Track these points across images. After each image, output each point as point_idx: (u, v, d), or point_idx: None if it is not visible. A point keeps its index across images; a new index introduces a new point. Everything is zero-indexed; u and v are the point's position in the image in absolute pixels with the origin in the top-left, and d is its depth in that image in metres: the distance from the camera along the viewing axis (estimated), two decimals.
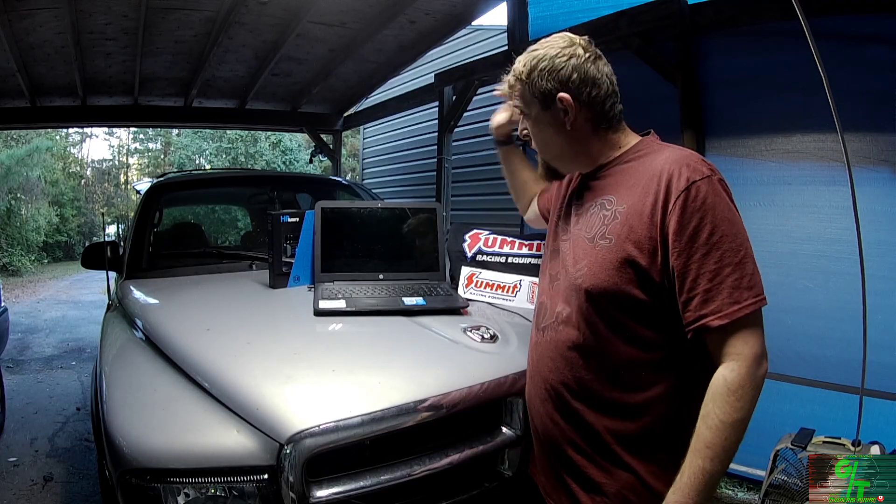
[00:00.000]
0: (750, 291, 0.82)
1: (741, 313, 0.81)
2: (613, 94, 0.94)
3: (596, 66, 0.91)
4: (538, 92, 0.92)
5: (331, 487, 1.03)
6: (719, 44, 2.34)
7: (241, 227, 8.76)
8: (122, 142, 16.36)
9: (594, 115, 0.93)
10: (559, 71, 0.90)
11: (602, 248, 0.90)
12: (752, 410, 0.82)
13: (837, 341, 1.94)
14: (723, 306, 0.81)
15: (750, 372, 0.81)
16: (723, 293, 0.81)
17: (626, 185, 0.91)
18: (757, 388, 0.82)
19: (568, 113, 0.91)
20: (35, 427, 3.08)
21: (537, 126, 0.97)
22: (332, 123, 5.82)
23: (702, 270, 0.82)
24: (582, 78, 0.90)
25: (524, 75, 0.94)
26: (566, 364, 0.96)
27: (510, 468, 1.24)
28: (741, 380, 0.80)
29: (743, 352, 0.81)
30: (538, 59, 0.92)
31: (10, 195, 11.55)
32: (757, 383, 0.82)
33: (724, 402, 0.81)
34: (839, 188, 1.86)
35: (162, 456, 1.00)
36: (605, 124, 0.94)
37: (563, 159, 0.99)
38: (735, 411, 0.80)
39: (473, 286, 1.71)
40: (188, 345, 1.28)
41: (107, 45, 3.60)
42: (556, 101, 0.91)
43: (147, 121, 5.75)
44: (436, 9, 3.41)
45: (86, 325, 6.07)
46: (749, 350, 0.81)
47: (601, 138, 0.95)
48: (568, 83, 0.90)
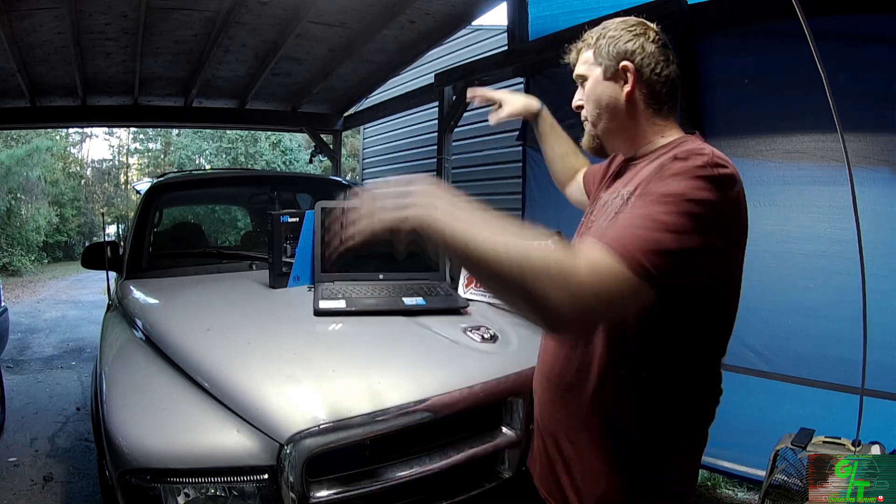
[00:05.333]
0: (648, 255, 0.67)
1: (620, 253, 0.67)
2: (672, 83, 0.93)
3: (662, 50, 0.92)
4: (602, 57, 0.93)
5: (331, 487, 1.03)
6: (719, 44, 2.33)
7: (241, 227, 8.75)
8: (122, 142, 16.35)
9: (650, 93, 0.93)
10: (627, 42, 0.91)
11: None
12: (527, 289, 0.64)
13: (837, 341, 1.94)
14: (619, 239, 0.68)
15: (579, 276, 0.64)
16: (626, 232, 0.69)
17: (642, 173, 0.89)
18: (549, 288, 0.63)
19: (627, 83, 0.92)
20: (35, 427, 3.07)
21: (594, 93, 0.96)
22: (332, 123, 5.81)
23: (633, 211, 0.74)
24: (646, 55, 0.91)
25: (593, 39, 0.96)
26: (557, 354, 0.97)
27: (510, 468, 1.24)
28: (562, 264, 0.65)
29: (590, 255, 0.67)
30: (608, 28, 0.94)
31: (10, 195, 11.54)
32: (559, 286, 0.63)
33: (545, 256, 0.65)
34: (839, 188, 1.86)
35: (162, 456, 1.00)
36: (656, 106, 0.94)
37: (610, 132, 0.98)
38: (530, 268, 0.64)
39: (473, 286, 1.71)
40: (188, 345, 1.28)
41: (107, 45, 3.60)
42: (618, 70, 0.92)
43: (147, 121, 5.74)
44: (436, 9, 3.40)
45: (86, 325, 6.07)
46: (591, 257, 0.67)
47: (649, 120, 0.94)
48: (633, 55, 0.91)
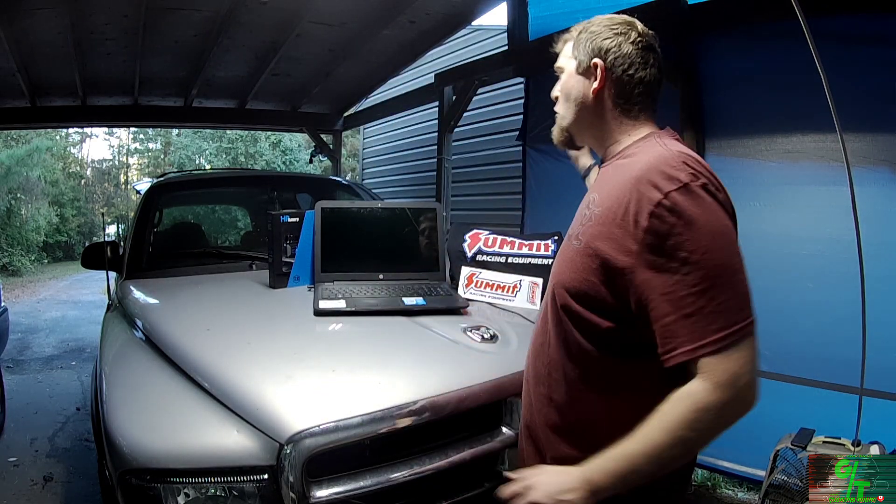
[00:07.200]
0: (739, 314, 0.73)
1: (727, 340, 0.72)
2: (645, 86, 0.93)
3: (641, 52, 0.91)
4: (579, 52, 0.94)
5: (331, 487, 1.03)
6: (719, 44, 2.33)
7: (241, 227, 8.75)
8: (122, 142, 16.36)
9: (619, 93, 0.92)
10: (604, 39, 0.92)
11: (573, 248, 0.89)
12: (709, 437, 0.74)
13: (837, 341, 1.94)
14: (707, 333, 0.72)
15: (722, 399, 0.72)
16: (706, 318, 0.72)
17: (609, 186, 0.88)
18: (722, 418, 0.73)
19: (596, 80, 0.92)
20: (35, 427, 3.07)
21: (566, 86, 0.98)
22: (332, 123, 5.81)
23: (681, 293, 0.73)
24: (621, 55, 0.91)
25: (576, 33, 0.97)
26: (534, 357, 0.99)
27: (510, 468, 1.23)
28: (709, 403, 0.72)
29: (721, 377, 0.72)
30: (592, 24, 0.95)
31: (10, 195, 11.54)
32: (725, 413, 0.72)
33: (685, 414, 0.73)
34: (839, 188, 1.85)
35: (162, 456, 1.00)
36: (625, 106, 0.93)
37: (578, 126, 0.99)
38: (690, 430, 0.73)
39: (473, 286, 1.71)
40: (188, 345, 1.28)
41: (107, 45, 3.60)
42: (589, 66, 0.92)
43: (147, 121, 5.74)
44: (436, 9, 3.40)
45: (86, 325, 6.07)
46: (727, 376, 0.72)
47: (617, 119, 0.94)
48: (606, 53, 0.91)
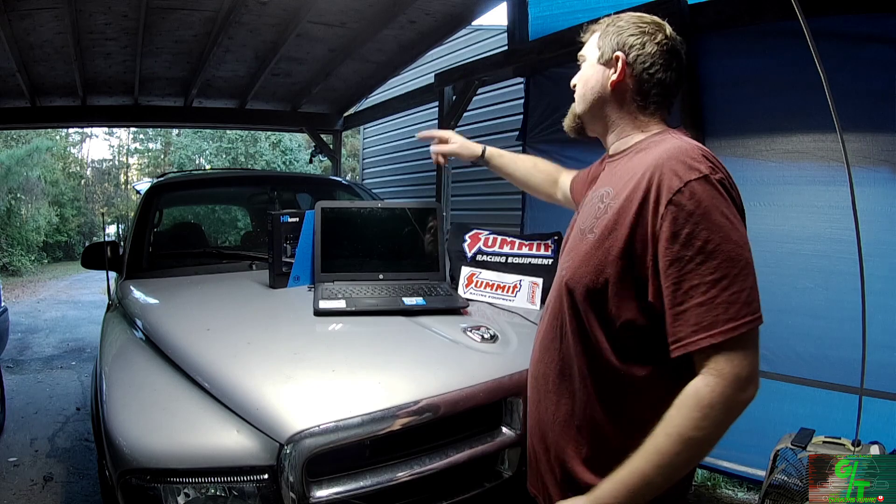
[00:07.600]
0: (748, 307, 0.75)
1: (736, 332, 0.74)
2: (664, 88, 0.94)
3: (664, 54, 0.92)
4: (603, 42, 0.96)
5: (331, 487, 1.03)
6: (719, 44, 2.33)
7: (241, 227, 8.76)
8: (122, 142, 16.35)
9: (637, 89, 0.94)
10: (630, 35, 0.93)
11: (588, 241, 0.89)
12: (716, 435, 0.75)
13: (837, 341, 1.94)
14: (716, 323, 0.74)
15: (725, 393, 0.74)
16: (717, 308, 0.75)
17: (624, 178, 0.89)
18: (728, 413, 0.75)
19: (616, 73, 0.93)
20: (35, 427, 3.08)
21: (585, 74, 1.00)
22: (332, 123, 5.81)
23: (695, 282, 0.76)
24: (644, 53, 0.92)
25: (604, 25, 0.98)
26: (543, 353, 0.98)
27: (510, 468, 1.24)
28: (713, 399, 0.74)
29: (724, 369, 0.75)
30: (621, 18, 0.96)
31: (10, 195, 11.53)
32: (730, 407, 0.75)
33: (689, 414, 0.75)
34: (839, 188, 1.86)
35: (162, 456, 1.00)
36: (641, 103, 0.94)
37: (591, 115, 1.01)
38: (696, 429, 0.74)
39: (473, 286, 1.71)
40: (188, 345, 1.28)
41: (107, 45, 3.60)
42: (611, 58, 0.94)
43: (147, 121, 5.74)
44: (436, 9, 3.40)
45: (86, 325, 6.07)
46: (732, 369, 0.74)
47: (631, 114, 0.96)
48: (629, 49, 0.92)
